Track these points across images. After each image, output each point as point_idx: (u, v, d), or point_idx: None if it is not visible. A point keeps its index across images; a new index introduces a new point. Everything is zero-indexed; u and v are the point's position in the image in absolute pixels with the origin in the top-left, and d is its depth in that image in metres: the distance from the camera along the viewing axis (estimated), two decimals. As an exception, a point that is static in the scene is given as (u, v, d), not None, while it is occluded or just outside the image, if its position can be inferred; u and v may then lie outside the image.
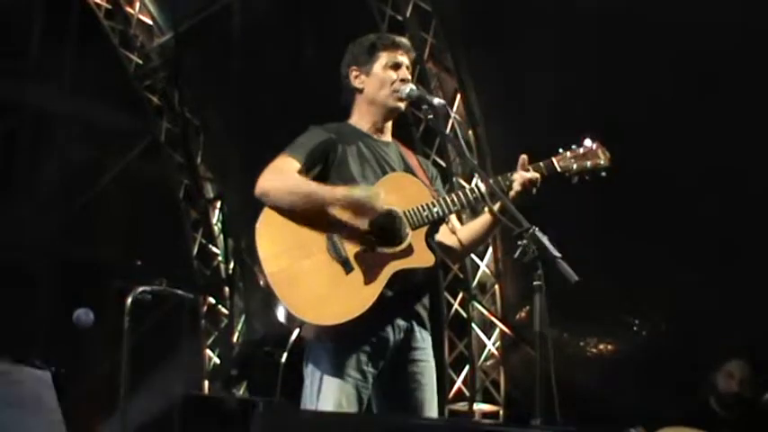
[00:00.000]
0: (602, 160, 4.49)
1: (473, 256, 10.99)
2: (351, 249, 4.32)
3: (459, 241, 4.66)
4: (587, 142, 4.51)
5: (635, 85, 8.99)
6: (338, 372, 4.32)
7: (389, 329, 4.40)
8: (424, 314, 4.56)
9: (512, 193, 4.39)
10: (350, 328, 4.26)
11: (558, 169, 4.47)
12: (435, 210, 4.41)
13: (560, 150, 4.51)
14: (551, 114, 9.25)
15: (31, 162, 12.26)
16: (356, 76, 4.70)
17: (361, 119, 4.69)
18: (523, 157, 4.45)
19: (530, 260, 3.82)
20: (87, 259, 12.50)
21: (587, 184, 4.50)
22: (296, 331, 5.20)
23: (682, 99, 8.75)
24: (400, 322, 4.43)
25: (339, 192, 4.36)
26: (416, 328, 4.50)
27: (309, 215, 4.35)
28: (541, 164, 4.49)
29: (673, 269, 9.09)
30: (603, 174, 4.47)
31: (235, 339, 13.33)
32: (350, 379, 4.32)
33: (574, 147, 4.52)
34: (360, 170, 4.50)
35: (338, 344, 4.33)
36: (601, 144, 4.52)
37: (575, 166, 4.46)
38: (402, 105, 4.63)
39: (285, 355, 6.65)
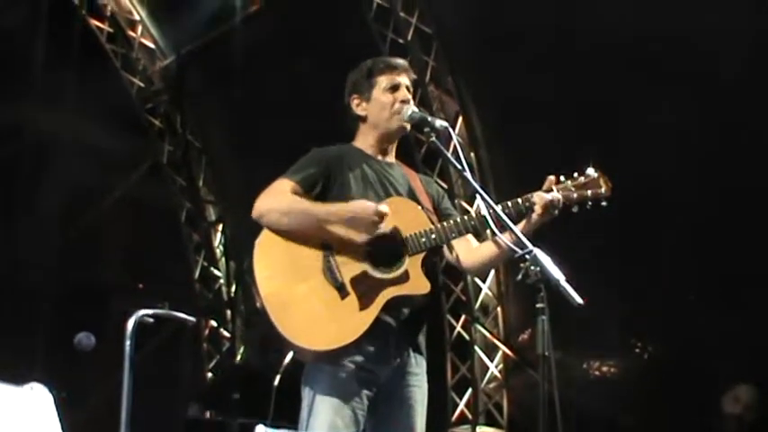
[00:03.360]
0: (604, 189, 4.41)
1: (475, 278, 10.99)
2: (347, 273, 4.31)
3: (477, 260, 4.61)
4: (589, 171, 4.43)
5: (635, 109, 9.01)
6: (335, 393, 4.31)
7: (386, 354, 4.38)
8: (421, 339, 4.54)
9: (534, 216, 4.32)
10: (348, 352, 4.25)
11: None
12: (433, 237, 4.38)
13: (561, 178, 4.44)
14: (553, 136, 9.26)
15: (33, 185, 12.26)
16: (358, 104, 4.69)
17: (365, 142, 4.68)
18: (551, 178, 4.38)
19: (532, 282, 3.80)
20: (89, 282, 12.49)
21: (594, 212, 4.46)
22: (289, 354, 5.16)
23: (681, 126, 8.76)
24: (397, 347, 4.42)
25: (334, 206, 4.36)
26: (412, 353, 4.49)
27: (307, 236, 4.34)
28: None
29: (676, 292, 9.09)
30: (604, 203, 4.42)
31: (237, 362, 13.30)
32: (346, 401, 4.31)
33: (575, 175, 4.45)
34: (363, 192, 4.48)
35: (335, 366, 4.32)
36: (603, 173, 4.47)
37: (575, 196, 4.38)
38: (407, 127, 4.62)
39: (278, 377, 6.63)
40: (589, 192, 4.41)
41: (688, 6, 8.33)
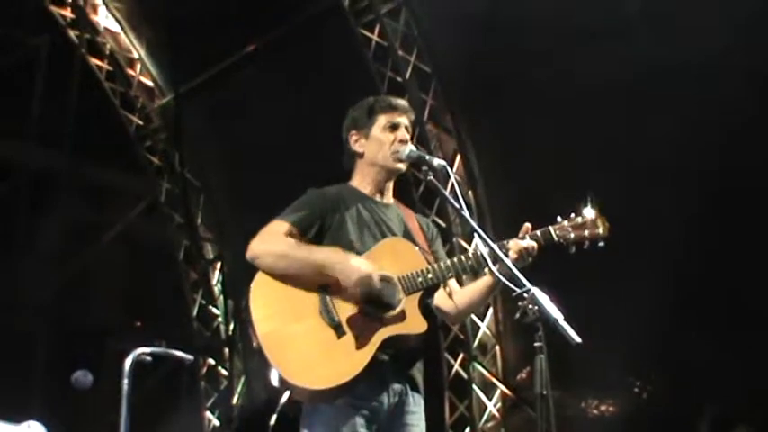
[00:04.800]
0: (601, 230, 4.43)
1: (473, 316, 10.98)
2: (343, 313, 4.29)
3: (456, 305, 4.63)
4: (586, 212, 4.46)
5: (633, 148, 9.05)
6: (334, 432, 4.30)
7: (384, 393, 4.37)
8: (419, 377, 4.53)
9: (509, 259, 4.34)
10: (345, 391, 4.24)
11: (555, 239, 4.44)
12: (429, 276, 4.38)
13: (558, 219, 4.46)
14: (552, 174, 9.28)
15: (31, 222, 12.27)
16: (356, 141, 4.69)
17: (362, 181, 4.68)
18: (527, 225, 4.42)
19: (530, 321, 3.81)
20: (86, 320, 12.48)
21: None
22: (286, 394, 5.13)
23: (683, 164, 8.79)
24: (395, 386, 4.40)
25: (327, 260, 4.34)
26: (410, 392, 4.47)
27: (304, 276, 4.34)
28: (538, 233, 4.44)
29: (675, 331, 9.08)
30: (602, 244, 4.43)
31: (234, 401, 13.26)
32: (347, 441, 4.30)
33: (572, 216, 4.47)
34: (358, 234, 4.48)
35: (334, 406, 4.30)
36: (600, 214, 4.49)
37: (572, 236, 4.41)
38: (402, 167, 4.62)
39: (274, 417, 6.61)
40: (587, 232, 4.43)
41: (689, 42, 8.38)
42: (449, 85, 11.10)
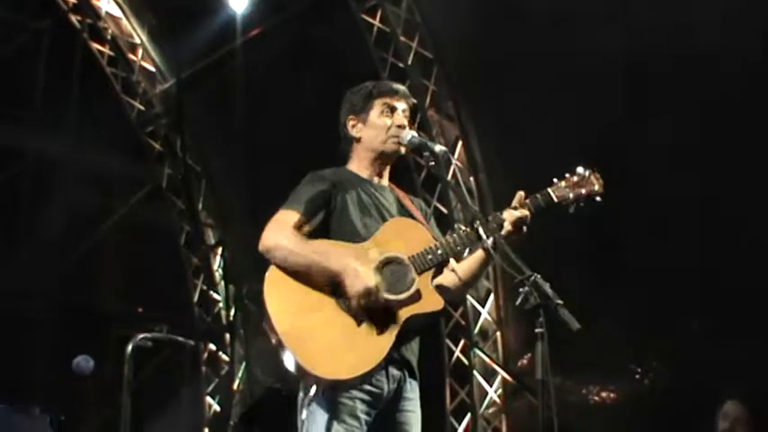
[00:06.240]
0: (596, 186, 4.52)
1: (475, 303, 10.99)
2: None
3: (460, 279, 4.63)
4: (580, 170, 4.54)
5: (635, 130, 9.03)
6: (335, 417, 4.29)
7: (384, 379, 4.38)
8: (414, 362, 4.53)
9: (503, 232, 4.38)
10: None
11: (555, 200, 4.48)
12: (440, 252, 4.39)
13: (555, 180, 4.53)
14: (553, 161, 9.27)
15: (33, 209, 12.28)
16: (353, 125, 4.69)
17: (359, 165, 4.67)
18: (520, 193, 4.46)
19: (531, 307, 3.82)
20: (88, 306, 12.50)
21: (591, 237, 4.49)
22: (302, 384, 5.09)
23: (682, 145, 8.77)
24: (394, 372, 4.40)
25: (337, 263, 4.33)
26: (408, 378, 4.48)
27: (312, 275, 4.34)
28: (538, 195, 4.49)
29: (676, 317, 9.08)
30: (598, 199, 4.50)
31: (235, 386, 13.28)
32: (346, 425, 4.29)
33: (567, 175, 4.54)
34: (360, 217, 4.48)
35: (335, 390, 4.30)
36: (593, 171, 4.55)
37: (570, 195, 4.48)
38: (401, 149, 4.62)
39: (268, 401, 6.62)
40: (583, 190, 4.50)
41: (688, 28, 8.37)
42: (451, 70, 11.08)
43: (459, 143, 10.98)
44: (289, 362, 4.22)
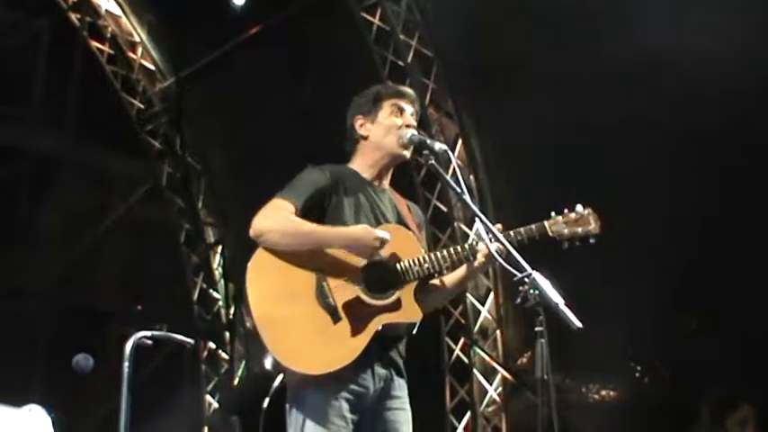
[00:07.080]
0: (593, 227, 4.49)
1: (474, 301, 10.99)
2: (340, 298, 4.32)
3: (443, 282, 4.67)
4: (579, 208, 4.51)
5: (634, 136, 9.03)
6: (321, 418, 4.30)
7: (370, 378, 4.39)
8: (401, 362, 4.56)
9: (475, 263, 4.49)
10: (337, 377, 4.26)
11: (550, 234, 4.48)
12: (426, 266, 4.43)
13: (552, 215, 4.51)
14: (553, 159, 9.27)
15: (32, 207, 12.27)
16: (361, 125, 4.71)
17: (363, 164, 4.69)
18: (498, 226, 4.40)
19: (531, 306, 3.82)
20: (87, 304, 12.49)
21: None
22: (279, 377, 5.15)
23: (680, 154, 8.78)
24: (380, 371, 4.43)
25: (336, 230, 4.38)
26: (395, 377, 4.50)
27: (300, 259, 4.35)
28: (533, 227, 4.48)
29: (676, 317, 9.08)
30: (593, 240, 4.48)
31: (235, 384, 13.28)
32: (333, 426, 4.30)
33: (566, 211, 4.52)
34: (354, 217, 4.50)
35: (321, 390, 4.32)
36: (593, 211, 4.53)
37: (566, 232, 4.47)
38: (407, 153, 4.64)
39: (267, 400, 6.61)
40: (580, 229, 4.49)
41: (689, 29, 8.36)
42: (450, 69, 11.07)
43: (459, 141, 10.98)
44: (267, 360, 4.26)
